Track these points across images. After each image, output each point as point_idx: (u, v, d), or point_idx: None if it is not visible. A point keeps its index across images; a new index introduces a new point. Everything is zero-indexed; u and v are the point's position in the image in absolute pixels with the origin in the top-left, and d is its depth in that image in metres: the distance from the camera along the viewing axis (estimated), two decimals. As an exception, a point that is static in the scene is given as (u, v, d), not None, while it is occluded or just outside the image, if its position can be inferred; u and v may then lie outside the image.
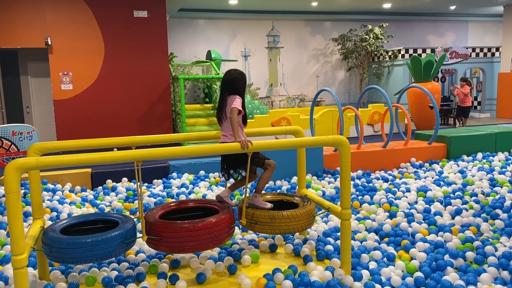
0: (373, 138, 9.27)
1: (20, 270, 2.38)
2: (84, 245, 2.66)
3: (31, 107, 10.38)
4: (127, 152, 2.70)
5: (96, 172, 5.69)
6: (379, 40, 13.72)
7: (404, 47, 13.46)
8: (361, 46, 13.77)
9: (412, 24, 15.35)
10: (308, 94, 14.45)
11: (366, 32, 13.81)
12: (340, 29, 14.38)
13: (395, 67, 13.59)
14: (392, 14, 14.72)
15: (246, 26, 13.57)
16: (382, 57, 13.95)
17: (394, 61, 13.56)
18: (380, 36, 13.63)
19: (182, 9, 11.99)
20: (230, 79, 3.28)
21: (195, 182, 5.70)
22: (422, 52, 13.33)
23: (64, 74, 9.32)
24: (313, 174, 5.82)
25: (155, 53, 9.89)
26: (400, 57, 13.33)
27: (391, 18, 14.75)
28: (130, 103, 9.79)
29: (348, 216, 3.07)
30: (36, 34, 9.05)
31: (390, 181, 5.65)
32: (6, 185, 2.34)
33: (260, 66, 13.91)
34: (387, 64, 13.76)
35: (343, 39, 13.95)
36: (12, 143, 4.58)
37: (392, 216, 4.41)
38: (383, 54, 13.86)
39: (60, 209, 4.62)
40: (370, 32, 13.69)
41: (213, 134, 3.64)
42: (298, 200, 3.47)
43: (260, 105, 11.58)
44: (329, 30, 14.47)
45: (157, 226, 2.92)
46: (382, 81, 14.07)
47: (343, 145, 3.01)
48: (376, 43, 13.72)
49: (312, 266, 3.22)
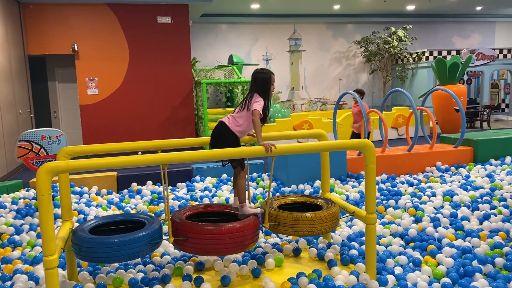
0: (397, 142, 9.15)
1: (51, 270, 2.45)
2: (112, 244, 2.72)
3: (58, 112, 10.64)
4: (153, 156, 2.75)
5: (122, 175, 5.80)
6: (403, 43, 13.56)
7: (429, 49, 13.25)
8: (384, 48, 13.64)
9: (436, 25, 15.11)
10: (330, 98, 14.38)
11: (389, 34, 13.67)
12: (362, 31, 14.27)
13: (419, 69, 13.39)
14: (416, 16, 14.53)
15: (267, 30, 13.62)
16: (405, 59, 13.77)
17: (418, 63, 13.37)
18: (404, 38, 13.47)
19: (204, 15, 12.12)
20: (262, 78, 3.31)
21: (218, 185, 5.74)
22: (447, 54, 13.10)
23: (90, 80, 9.53)
24: (337, 178, 5.78)
25: (178, 58, 10.02)
26: (424, 59, 13.14)
27: (415, 20, 14.56)
28: (153, 108, 9.94)
29: (373, 220, 3.04)
30: (63, 41, 9.30)
31: (415, 185, 5.56)
32: (38, 187, 2.41)
33: (282, 70, 13.92)
34: (411, 66, 13.57)
35: (366, 41, 13.84)
36: (41, 147, 4.71)
37: (417, 220, 4.34)
38: (407, 57, 13.68)
39: (87, 211, 4.72)
40: (394, 34, 13.54)
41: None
42: (322, 202, 3.45)
43: (281, 108, 11.57)
44: (352, 32, 14.37)
45: (184, 227, 2.96)
46: (406, 83, 13.88)
47: (368, 149, 2.99)
48: (400, 46, 13.57)
49: (337, 271, 3.20)
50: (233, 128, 3.23)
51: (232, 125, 3.24)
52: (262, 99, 3.24)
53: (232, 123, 3.25)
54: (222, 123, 3.27)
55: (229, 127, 3.23)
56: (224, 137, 3.21)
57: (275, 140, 3.29)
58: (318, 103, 14.28)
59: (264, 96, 3.28)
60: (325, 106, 14.28)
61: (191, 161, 3.61)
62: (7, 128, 7.65)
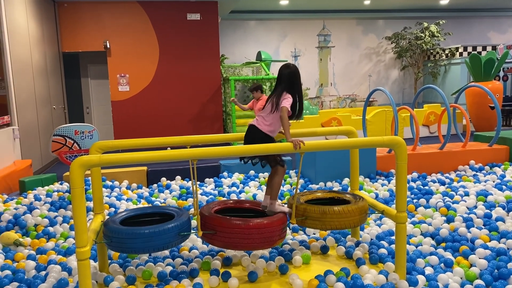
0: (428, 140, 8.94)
1: (83, 261, 2.51)
2: (143, 235, 2.77)
3: (91, 107, 10.91)
4: (183, 151, 2.78)
5: (151, 170, 5.90)
6: (435, 38, 13.21)
7: (462, 44, 12.85)
8: (416, 44, 13.32)
9: (471, 20, 14.64)
10: (360, 94, 14.17)
11: (421, 30, 13.34)
12: (393, 27, 13.98)
13: (452, 65, 13.02)
14: (450, 10, 14.11)
15: (296, 26, 13.53)
16: (438, 55, 13.41)
17: (451, 59, 13.00)
18: (437, 33, 13.11)
19: (233, 11, 12.14)
20: (287, 73, 3.29)
21: (245, 181, 5.76)
22: (482, 50, 12.67)
23: (121, 76, 9.72)
24: (366, 176, 5.70)
25: (207, 55, 10.09)
26: (457, 55, 12.76)
27: (448, 15, 14.15)
28: (182, 104, 10.05)
29: (404, 219, 2.98)
30: (96, 38, 9.51)
31: (447, 184, 5.42)
32: (72, 180, 2.48)
33: (310, 66, 13.80)
34: (444, 62, 13.21)
35: (397, 37, 13.55)
36: (74, 141, 4.84)
37: (449, 220, 4.23)
38: (440, 53, 13.32)
39: (118, 205, 4.83)
40: (426, 29, 13.20)
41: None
42: (350, 198, 3.41)
43: (309, 105, 11.50)
44: (382, 28, 14.11)
45: (212, 220, 2.98)
46: (438, 80, 13.53)
47: (399, 146, 2.93)
48: (432, 41, 13.21)
49: (365, 269, 3.15)
50: (264, 128, 3.22)
51: (262, 125, 3.23)
52: (291, 96, 3.22)
53: (261, 124, 3.24)
54: (252, 126, 3.26)
55: (260, 129, 3.22)
56: (258, 140, 3.20)
57: (303, 137, 3.28)
58: (347, 100, 14.09)
59: (293, 92, 3.25)
60: (354, 103, 14.08)
61: (221, 156, 3.63)
62: (42, 123, 7.90)
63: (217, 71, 10.22)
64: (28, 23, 7.46)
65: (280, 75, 3.32)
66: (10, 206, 4.71)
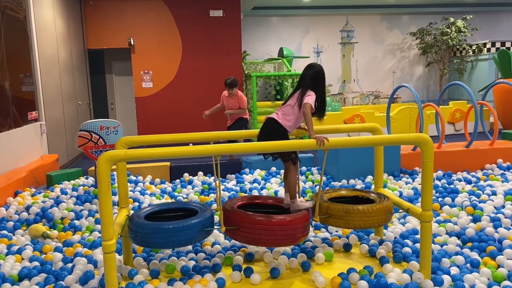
0: (454, 137, 8.76)
1: (109, 254, 2.56)
2: (167, 231, 2.80)
3: (115, 103, 11.08)
4: (207, 147, 2.79)
5: (174, 165, 5.96)
6: (462, 34, 12.91)
7: (490, 40, 12.53)
8: (441, 40, 13.05)
9: (500, 15, 14.25)
10: (383, 91, 13.98)
11: (447, 25, 13.06)
12: (418, 22, 13.73)
13: (479, 62, 12.71)
14: (477, 5, 13.77)
15: (319, 22, 13.42)
16: (465, 51, 13.11)
17: (478, 55, 12.69)
18: (463, 29, 12.81)
19: (256, 7, 12.14)
20: (312, 73, 3.28)
21: (267, 178, 5.76)
22: (510, 46, 12.33)
23: (145, 73, 9.84)
24: (390, 174, 5.63)
25: (229, 52, 10.12)
26: (485, 51, 12.44)
27: (475, 10, 13.80)
28: (204, 100, 10.10)
29: (430, 218, 2.93)
30: (120, 35, 9.65)
31: (474, 183, 5.30)
32: (99, 175, 2.52)
33: (333, 62, 13.69)
34: (471, 59, 12.90)
35: (422, 33, 13.30)
36: (100, 137, 4.92)
37: (476, 220, 4.14)
38: (466, 48, 13.02)
39: (142, 199, 4.89)
40: (452, 25, 12.92)
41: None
42: (374, 197, 3.37)
43: (332, 102, 11.41)
44: (407, 24, 13.87)
45: (236, 216, 3.00)
46: (464, 77, 13.23)
47: (425, 144, 2.87)
48: (459, 37, 12.93)
49: (389, 268, 3.11)
50: (284, 123, 3.22)
51: (283, 120, 3.23)
52: (314, 93, 3.22)
53: (282, 118, 3.24)
54: (271, 119, 3.26)
55: (280, 123, 3.22)
56: (276, 133, 3.19)
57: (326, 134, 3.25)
58: (370, 97, 13.93)
59: (316, 90, 3.25)
60: (378, 99, 13.91)
61: (243, 152, 3.64)
62: (68, 119, 8.07)
63: (239, 67, 10.24)
64: (55, 21, 7.62)
65: (304, 73, 3.31)
66: (38, 199, 4.84)
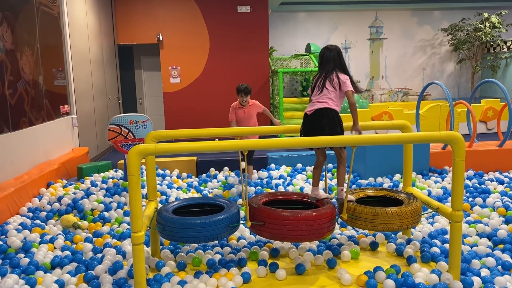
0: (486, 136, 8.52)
1: (138, 246, 2.61)
2: (194, 226, 2.85)
3: (144, 98, 11.26)
4: (235, 142, 2.81)
5: (201, 160, 6.02)
6: (496, 30, 12.50)
7: (526, 36, 12.11)
8: (474, 36, 12.67)
9: (536, 10, 13.73)
10: (413, 88, 13.70)
11: (481, 21, 12.67)
12: (450, 18, 13.36)
13: (514, 58, 12.29)
14: (513, 0, 13.31)
15: (347, 17, 13.24)
16: (499, 48, 12.70)
17: (513, 52, 12.27)
18: (498, 24, 12.40)
19: (283, 3, 12.07)
20: (334, 54, 3.28)
21: (293, 174, 5.75)
22: (548, 42, 11.88)
23: (173, 68, 9.95)
24: (418, 173, 5.52)
25: (256, 48, 10.11)
26: (520, 47, 12.03)
27: (511, 5, 13.34)
28: (231, 96, 10.11)
29: (460, 218, 2.87)
30: (149, 31, 9.78)
31: (506, 184, 5.15)
32: (129, 167, 2.58)
33: (361, 59, 13.49)
34: (505, 55, 12.48)
35: (454, 29, 12.95)
36: (129, 131, 5.01)
37: (508, 221, 4.02)
38: (500, 45, 12.60)
39: (169, 193, 4.97)
40: (486, 20, 12.52)
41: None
42: (403, 197, 3.32)
43: (359, 98, 11.26)
44: (438, 19, 13.52)
45: (261, 212, 3.01)
46: (498, 74, 12.82)
47: (457, 142, 2.81)
48: (493, 33, 12.52)
49: (417, 268, 3.07)
50: (337, 109, 3.23)
51: (334, 106, 3.20)
52: (347, 75, 3.21)
53: (332, 104, 3.20)
54: (326, 109, 3.18)
55: (334, 109, 3.20)
56: (335, 118, 3.19)
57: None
58: (399, 94, 13.68)
59: (345, 70, 3.24)
60: (407, 96, 13.64)
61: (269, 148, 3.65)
62: (98, 113, 8.25)
63: (265, 63, 10.23)
64: (87, 17, 7.79)
65: (327, 55, 3.29)
66: (69, 191, 4.98)
